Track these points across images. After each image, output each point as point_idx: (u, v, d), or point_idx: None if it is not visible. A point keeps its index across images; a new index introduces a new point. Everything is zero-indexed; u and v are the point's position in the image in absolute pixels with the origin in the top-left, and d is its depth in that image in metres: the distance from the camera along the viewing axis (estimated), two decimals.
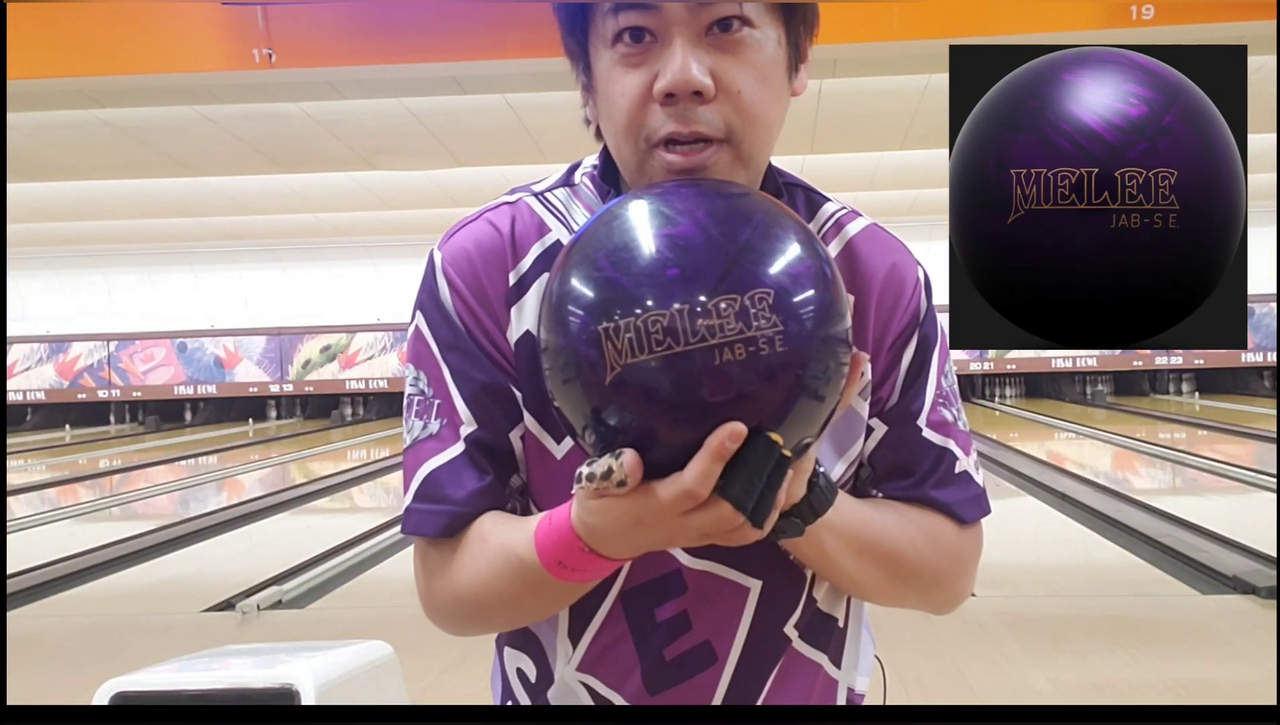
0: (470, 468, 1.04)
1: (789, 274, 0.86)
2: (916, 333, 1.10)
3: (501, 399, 1.03)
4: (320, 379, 18.79)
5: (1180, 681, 3.99)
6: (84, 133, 8.61)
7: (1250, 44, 4.55)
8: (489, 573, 1.01)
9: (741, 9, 0.94)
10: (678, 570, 1.06)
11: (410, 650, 2.16)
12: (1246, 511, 7.74)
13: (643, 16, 0.93)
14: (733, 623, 1.08)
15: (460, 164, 10.59)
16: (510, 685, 1.17)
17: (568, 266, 0.88)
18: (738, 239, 0.86)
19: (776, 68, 1.00)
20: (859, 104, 8.44)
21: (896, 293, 1.10)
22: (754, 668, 1.09)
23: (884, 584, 1.09)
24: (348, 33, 6.16)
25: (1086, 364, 18.08)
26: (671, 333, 0.82)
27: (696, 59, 0.94)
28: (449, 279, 1.05)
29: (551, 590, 0.98)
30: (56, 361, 18.96)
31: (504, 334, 1.04)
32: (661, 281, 0.83)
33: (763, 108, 0.99)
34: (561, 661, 1.11)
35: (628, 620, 1.07)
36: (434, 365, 1.05)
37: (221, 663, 1.84)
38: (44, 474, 12.90)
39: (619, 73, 0.97)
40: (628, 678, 1.09)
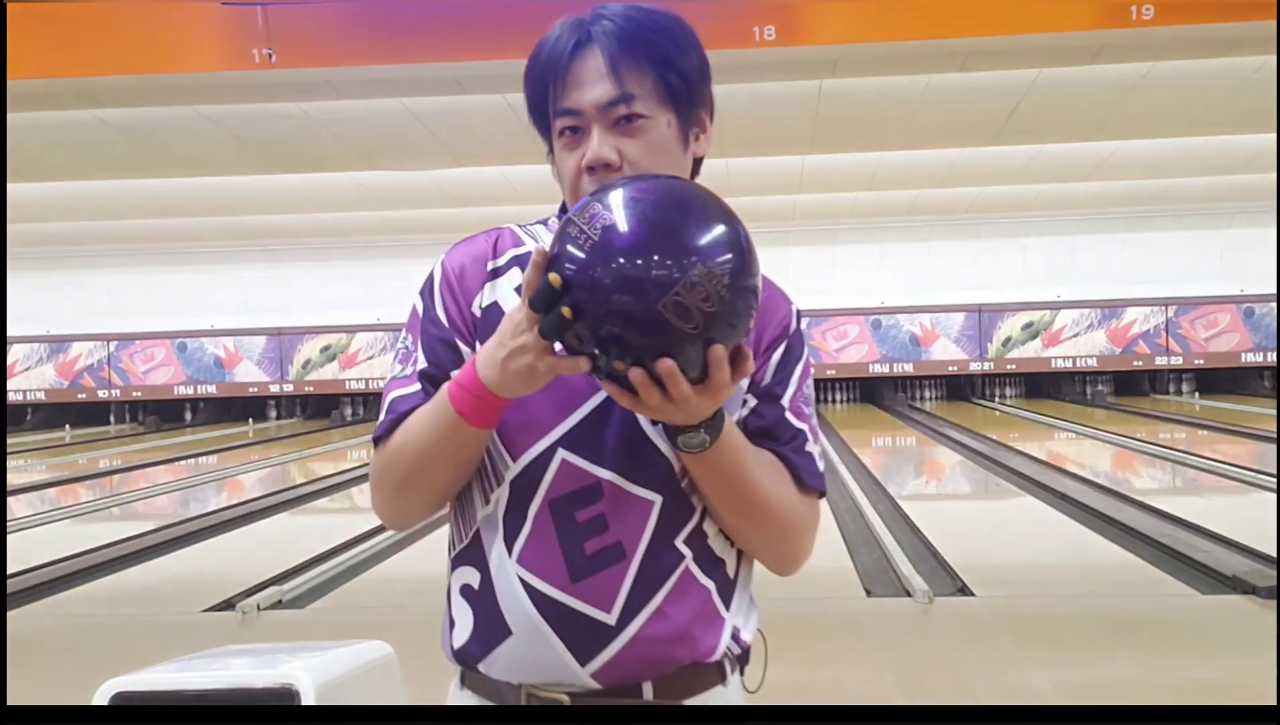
0: (418, 394, 1.40)
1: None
2: (785, 341, 1.45)
3: (449, 347, 1.41)
4: (320, 379, 18.79)
5: (1180, 681, 3.99)
6: (84, 133, 8.60)
7: (1250, 44, 4.59)
8: (415, 426, 1.36)
9: (632, 107, 1.34)
10: (597, 483, 1.36)
11: (410, 650, 2.16)
12: (1246, 511, 7.74)
13: (573, 119, 1.37)
14: (639, 528, 1.36)
15: (460, 164, 10.59)
16: (452, 609, 1.44)
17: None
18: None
19: (668, 143, 1.37)
20: (859, 104, 8.43)
21: (772, 313, 1.44)
22: (653, 571, 1.36)
23: (746, 511, 1.37)
24: (348, 33, 6.16)
25: (1086, 364, 18.08)
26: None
27: (606, 143, 1.35)
28: (443, 272, 1.45)
29: (452, 428, 1.31)
30: (56, 361, 18.96)
31: (470, 308, 1.42)
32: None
33: (656, 169, 1.34)
34: (499, 560, 1.38)
35: (554, 522, 1.36)
36: (415, 329, 1.45)
37: (221, 663, 1.84)
38: (44, 474, 12.90)
39: (564, 154, 1.39)
40: (554, 568, 1.36)
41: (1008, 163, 12.39)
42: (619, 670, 1.36)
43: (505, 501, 1.38)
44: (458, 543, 1.44)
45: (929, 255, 18.04)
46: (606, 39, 1.35)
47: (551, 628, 1.35)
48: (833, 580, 5.80)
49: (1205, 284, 17.66)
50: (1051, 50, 6.55)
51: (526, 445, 1.37)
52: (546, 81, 1.38)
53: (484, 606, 1.39)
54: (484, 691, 1.42)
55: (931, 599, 5.09)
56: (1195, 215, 17.07)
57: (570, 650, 1.35)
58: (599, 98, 1.34)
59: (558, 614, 1.35)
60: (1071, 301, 17.96)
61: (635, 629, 1.35)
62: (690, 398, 1.20)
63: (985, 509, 8.90)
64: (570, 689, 1.36)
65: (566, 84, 1.36)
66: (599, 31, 1.35)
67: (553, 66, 1.37)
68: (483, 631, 1.39)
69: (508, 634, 1.37)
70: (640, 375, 1.18)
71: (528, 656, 1.37)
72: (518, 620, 1.37)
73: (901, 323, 18.06)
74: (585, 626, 1.35)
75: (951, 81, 7.79)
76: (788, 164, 12.15)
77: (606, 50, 1.34)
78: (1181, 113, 9.10)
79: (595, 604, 1.35)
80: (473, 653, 1.41)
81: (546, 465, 1.36)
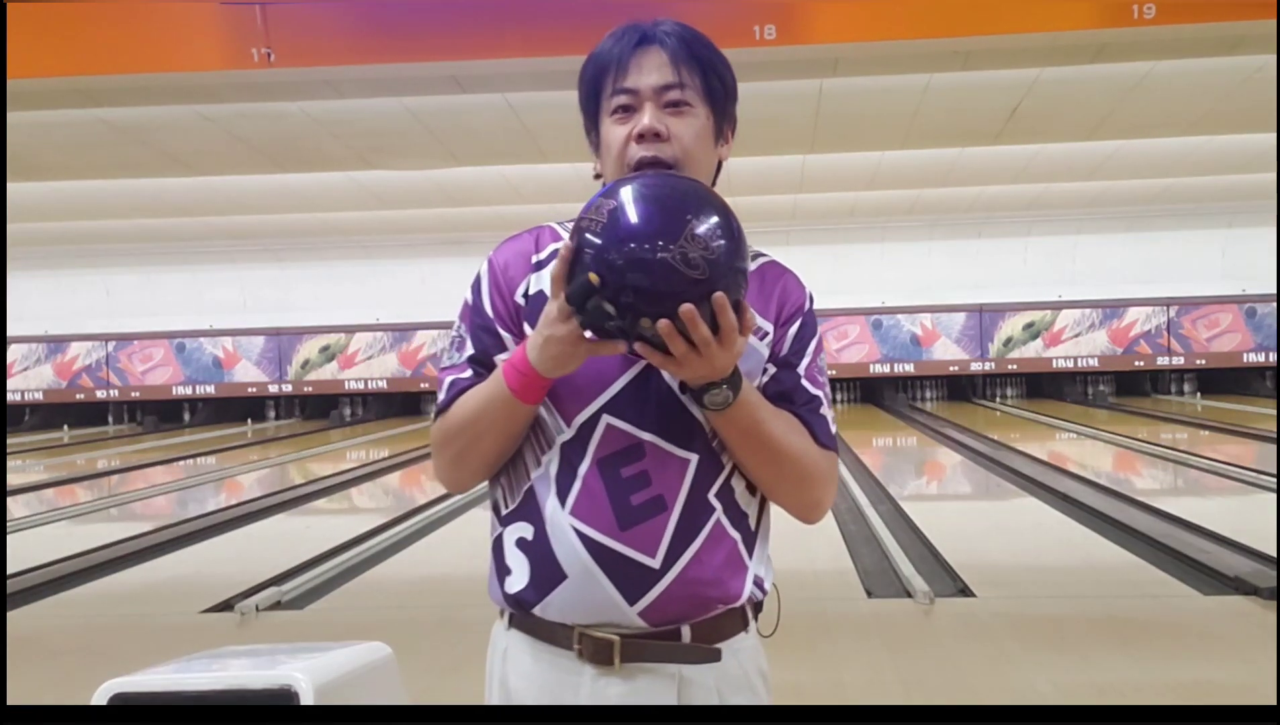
0: (470, 378, 1.60)
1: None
2: (801, 317, 1.64)
3: (493, 335, 1.61)
4: (319, 379, 18.79)
5: (1181, 682, 3.99)
6: (83, 132, 8.59)
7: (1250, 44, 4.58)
8: (470, 404, 1.56)
9: (683, 95, 1.58)
10: (639, 443, 1.54)
11: (409, 651, 2.16)
12: (1248, 512, 7.73)
13: (629, 98, 1.58)
14: (678, 483, 1.54)
15: (460, 163, 10.58)
16: (506, 559, 1.59)
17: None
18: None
19: (705, 132, 1.60)
20: (859, 104, 8.43)
21: (789, 292, 1.65)
22: (690, 521, 1.55)
23: (771, 462, 1.56)
24: (347, 32, 6.15)
25: (1088, 364, 18.08)
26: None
27: (656, 118, 1.57)
28: (489, 268, 1.65)
29: (505, 404, 1.51)
30: (55, 362, 18.96)
31: (514, 298, 1.61)
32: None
33: (696, 150, 1.58)
34: (553, 514, 1.55)
35: (602, 477, 1.53)
36: (465, 319, 1.64)
37: (220, 663, 1.84)
38: (42, 474, 12.90)
39: (615, 127, 1.60)
40: (605, 518, 1.53)
41: (1009, 162, 12.39)
42: (663, 610, 1.53)
43: (557, 462, 1.55)
44: (507, 503, 1.60)
45: (930, 255, 18.03)
46: (668, 39, 1.59)
47: (603, 571, 1.52)
48: (833, 581, 5.80)
49: (1207, 284, 17.66)
50: (1052, 50, 6.54)
51: (576, 412, 1.55)
52: (607, 68, 1.59)
53: (539, 555, 1.55)
54: (536, 633, 1.57)
55: (932, 600, 5.08)
56: (1197, 215, 17.07)
57: (620, 591, 1.52)
58: (657, 81, 1.57)
59: (608, 558, 1.52)
60: (1073, 301, 17.96)
61: (677, 572, 1.53)
62: (710, 342, 1.37)
63: (986, 509, 8.89)
64: (620, 629, 1.53)
65: (628, 69, 1.58)
66: (661, 34, 1.59)
67: (617, 55, 1.59)
68: (539, 577, 1.55)
69: (563, 578, 1.53)
70: (667, 326, 1.35)
71: (581, 598, 1.53)
72: (572, 565, 1.53)
73: (902, 323, 18.06)
74: (633, 569, 1.52)
75: (952, 81, 7.78)
76: (788, 164, 12.14)
77: (668, 48, 1.58)
78: (1183, 112, 9.09)
79: (641, 549, 1.52)
80: (528, 597, 1.56)
81: (594, 429, 1.54)
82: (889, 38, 6.11)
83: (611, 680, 1.53)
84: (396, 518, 7.99)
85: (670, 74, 1.57)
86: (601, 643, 1.53)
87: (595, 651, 1.53)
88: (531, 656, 1.58)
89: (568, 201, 14.03)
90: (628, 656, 1.53)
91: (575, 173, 11.98)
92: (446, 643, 4.59)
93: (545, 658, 1.56)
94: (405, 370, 18.66)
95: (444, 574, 6.56)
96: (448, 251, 17.92)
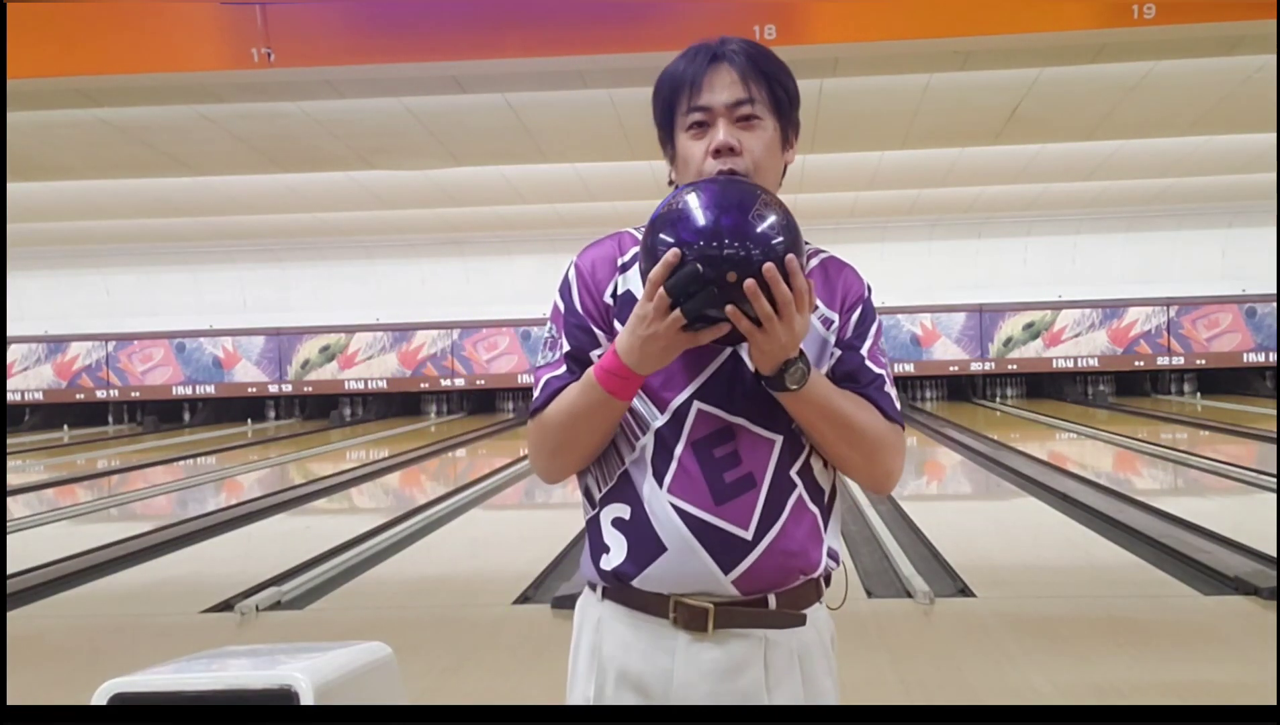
0: (565, 374, 1.71)
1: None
2: (861, 305, 1.78)
3: (587, 333, 1.73)
4: (319, 379, 18.78)
5: (1181, 682, 3.99)
6: (83, 132, 8.59)
7: (1250, 44, 4.58)
8: (567, 403, 1.68)
9: (753, 110, 1.70)
10: (729, 426, 1.67)
11: (410, 651, 2.16)
12: (1248, 512, 7.73)
13: (703, 115, 1.71)
14: (765, 461, 1.68)
15: (460, 163, 10.58)
16: (604, 537, 1.71)
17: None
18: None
19: (774, 141, 1.74)
20: (859, 104, 8.43)
21: (850, 284, 1.80)
22: (777, 496, 1.68)
23: (845, 438, 1.69)
24: (347, 32, 6.15)
25: (1088, 364, 18.08)
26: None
27: (730, 133, 1.70)
28: (577, 272, 1.76)
29: (601, 404, 1.63)
30: (55, 361, 18.95)
31: (603, 298, 1.74)
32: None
33: (766, 160, 1.72)
34: (651, 493, 1.68)
35: (696, 458, 1.67)
36: (557, 320, 1.76)
37: (220, 663, 1.84)
38: (42, 474, 12.90)
39: (691, 143, 1.72)
40: (701, 495, 1.66)
41: (1009, 162, 12.38)
42: (754, 579, 1.67)
43: (652, 447, 1.68)
44: (601, 486, 1.73)
45: (930, 255, 18.03)
46: (736, 57, 1.72)
47: (700, 543, 1.65)
48: (836, 586, 5.79)
49: (1207, 284, 17.65)
50: (1052, 50, 6.54)
51: (670, 399, 1.68)
52: (682, 87, 1.72)
53: (639, 531, 1.68)
54: (631, 603, 1.70)
55: (932, 600, 5.08)
56: (1197, 215, 17.06)
57: (716, 562, 1.65)
58: (728, 99, 1.70)
59: (705, 531, 1.65)
60: (1073, 301, 17.96)
61: (767, 543, 1.67)
62: (789, 301, 1.53)
63: (986, 509, 8.89)
64: (714, 597, 1.66)
65: (701, 88, 1.71)
66: (729, 52, 1.72)
67: (690, 75, 1.72)
68: (638, 552, 1.67)
69: (662, 551, 1.66)
70: (752, 285, 1.50)
71: (679, 569, 1.66)
72: (672, 539, 1.66)
73: (902, 323, 18.06)
74: (728, 541, 1.66)
75: (952, 81, 7.78)
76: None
77: (736, 65, 1.71)
78: (1183, 112, 9.09)
79: (735, 522, 1.66)
80: (628, 571, 1.68)
81: (687, 413, 1.67)
82: (889, 38, 6.11)
83: (705, 645, 1.66)
84: (396, 518, 7.98)
85: (740, 90, 1.70)
86: (696, 610, 1.66)
87: (690, 619, 1.66)
88: (627, 625, 1.70)
89: (568, 202, 14.08)
90: (721, 622, 1.66)
91: (575, 173, 11.98)
92: (446, 643, 4.59)
93: (641, 626, 1.69)
94: (405, 370, 18.66)
95: (444, 574, 6.56)
96: (448, 251, 17.94)
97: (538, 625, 4.92)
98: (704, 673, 1.66)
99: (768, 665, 1.68)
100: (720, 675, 1.66)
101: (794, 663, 1.70)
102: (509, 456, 12.01)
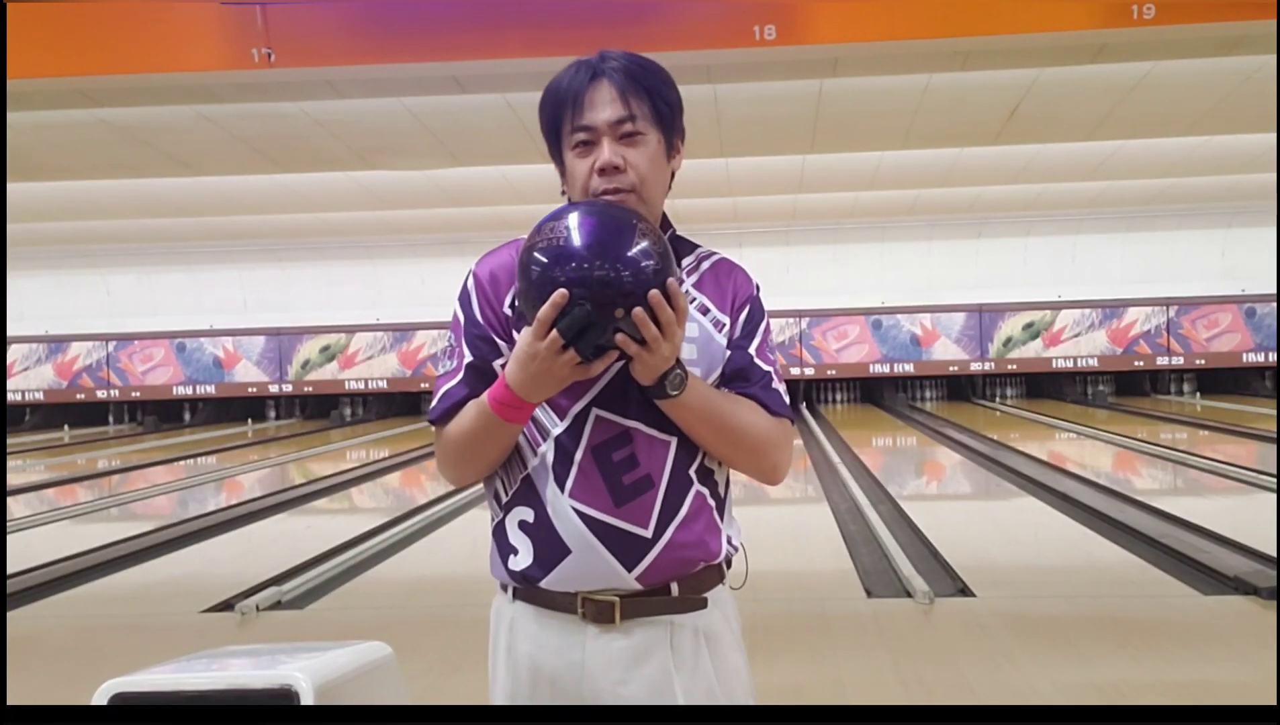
0: (463, 385, 1.77)
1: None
2: (750, 304, 1.83)
3: (488, 343, 1.77)
4: (319, 379, 18.78)
5: (1181, 682, 3.99)
6: (83, 132, 8.59)
7: (1250, 44, 4.58)
8: (465, 424, 1.74)
9: (635, 126, 1.73)
10: (626, 430, 1.73)
11: (410, 651, 2.16)
12: (1248, 512, 7.74)
13: (587, 134, 1.74)
14: (662, 463, 1.74)
15: (460, 164, 10.58)
16: (510, 540, 1.77)
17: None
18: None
19: (658, 154, 1.77)
20: (859, 104, 8.42)
21: (739, 284, 1.84)
22: (674, 496, 1.75)
23: (726, 438, 1.75)
24: (347, 32, 6.15)
25: (1087, 364, 18.08)
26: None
27: (613, 151, 1.73)
28: (475, 282, 1.80)
29: (496, 427, 1.69)
30: (55, 362, 18.96)
31: (502, 308, 1.77)
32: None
33: (650, 174, 1.76)
34: (553, 498, 1.73)
35: (596, 462, 1.72)
36: (457, 331, 1.80)
37: (220, 663, 1.84)
38: (43, 474, 12.90)
39: (577, 161, 1.75)
40: (601, 498, 1.72)
41: (1008, 162, 12.38)
42: (656, 573, 1.73)
43: (553, 453, 1.73)
44: (506, 491, 1.79)
45: (930, 255, 18.03)
46: (614, 74, 1.74)
47: (603, 544, 1.71)
48: (833, 581, 5.80)
49: (1206, 284, 17.65)
50: (1052, 50, 6.54)
51: (569, 407, 1.73)
52: (563, 106, 1.75)
53: (542, 534, 1.74)
54: (540, 602, 1.75)
55: (932, 599, 5.08)
56: (1196, 215, 17.06)
57: (618, 560, 1.72)
58: (610, 116, 1.72)
59: (607, 532, 1.71)
60: (1072, 301, 17.96)
61: (666, 539, 1.73)
62: (672, 321, 1.59)
63: (986, 509, 8.89)
64: (618, 591, 1.72)
65: (583, 106, 1.74)
66: (608, 69, 1.74)
67: (571, 94, 1.75)
68: (543, 555, 1.73)
69: (567, 553, 1.72)
70: (641, 314, 1.56)
71: (584, 569, 1.72)
72: (575, 541, 1.72)
73: (902, 323, 18.05)
74: (628, 540, 1.72)
75: (952, 81, 7.78)
76: (788, 164, 12.14)
77: (615, 82, 1.73)
78: (1183, 112, 9.09)
79: (635, 522, 1.72)
80: (534, 573, 1.74)
81: (585, 420, 1.72)
82: (889, 38, 6.10)
83: (613, 635, 1.72)
84: (396, 518, 7.99)
85: (621, 108, 1.73)
86: (604, 604, 1.72)
87: (598, 613, 1.72)
88: (537, 623, 1.75)
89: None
90: (627, 614, 1.72)
91: None
92: (446, 643, 4.59)
93: (550, 623, 1.74)
94: (405, 370, 18.66)
95: (444, 574, 6.56)
96: (448, 251, 17.92)
97: None
98: (613, 661, 1.72)
99: (674, 648, 1.74)
100: (628, 663, 1.72)
101: (700, 643, 1.75)
102: None
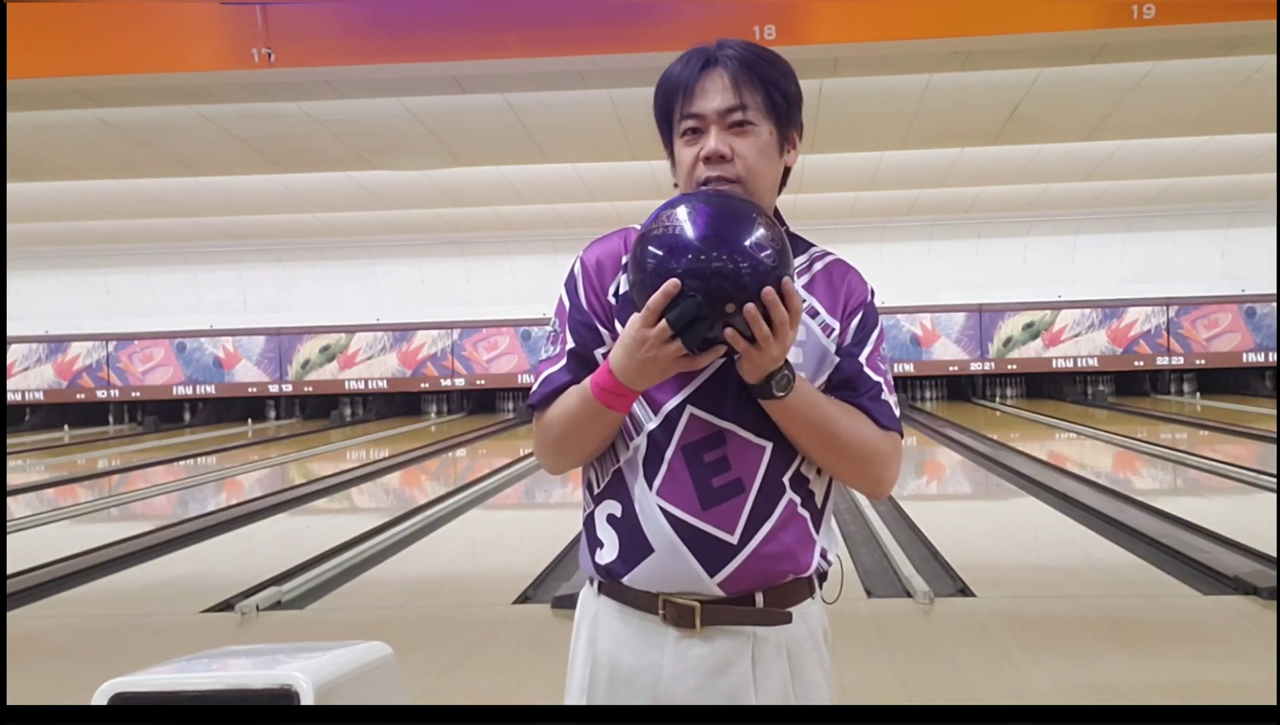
0: (565, 371, 1.73)
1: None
2: (863, 310, 1.78)
3: (592, 330, 1.74)
4: (319, 379, 18.78)
5: (1181, 682, 3.99)
6: (83, 132, 8.60)
7: (1250, 44, 4.59)
8: (566, 410, 1.70)
9: (745, 115, 1.70)
10: (719, 432, 1.68)
11: (410, 651, 2.16)
12: (1248, 512, 7.74)
13: (696, 121, 1.71)
14: (754, 468, 1.69)
15: (460, 164, 10.58)
16: (597, 533, 1.75)
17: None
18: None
19: (768, 146, 1.73)
20: (859, 104, 8.43)
21: (852, 289, 1.79)
22: (765, 502, 1.70)
23: (830, 446, 1.70)
24: (347, 32, 6.15)
25: (1087, 364, 18.08)
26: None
27: (721, 140, 1.70)
28: (583, 268, 1.77)
29: (597, 414, 1.65)
30: (55, 362, 18.95)
31: (607, 296, 1.74)
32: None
33: (759, 165, 1.72)
34: (641, 494, 1.70)
35: (686, 462, 1.68)
36: (561, 316, 1.77)
37: (221, 663, 1.84)
38: (43, 474, 12.90)
39: (685, 149, 1.73)
40: (688, 499, 1.68)
41: (1008, 162, 12.38)
42: (739, 581, 1.68)
43: (644, 448, 1.70)
44: (598, 483, 1.76)
45: (929, 255, 18.03)
46: (730, 62, 1.71)
47: (686, 546, 1.67)
48: (833, 581, 5.79)
49: (1206, 284, 17.65)
50: (1052, 50, 6.54)
51: (663, 403, 1.69)
52: (676, 92, 1.73)
53: (628, 531, 1.71)
54: (624, 599, 1.72)
55: (932, 599, 5.08)
56: (1196, 215, 17.06)
57: (701, 564, 1.67)
58: (720, 105, 1.69)
59: (691, 535, 1.67)
60: (1072, 301, 17.96)
61: (752, 547, 1.68)
62: (785, 321, 1.54)
63: (986, 509, 8.89)
64: (700, 596, 1.68)
65: (693, 94, 1.71)
66: (724, 57, 1.71)
67: (683, 81, 1.72)
68: (627, 551, 1.70)
69: (650, 552, 1.69)
70: (752, 309, 1.52)
71: (666, 570, 1.68)
72: (659, 540, 1.68)
73: (902, 323, 18.05)
74: (713, 545, 1.68)
75: (951, 81, 7.78)
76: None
77: (729, 70, 1.70)
78: (1182, 113, 9.09)
79: (721, 527, 1.68)
80: (617, 569, 1.71)
81: (679, 418, 1.69)
82: (889, 38, 6.11)
83: (694, 641, 1.69)
84: (396, 518, 7.98)
85: (732, 97, 1.69)
86: (684, 608, 1.69)
87: (678, 616, 1.68)
88: (620, 620, 1.73)
89: (568, 202, 14.07)
90: (707, 620, 1.68)
91: (575, 173, 11.98)
92: (446, 643, 4.59)
93: (633, 621, 1.72)
94: (405, 370, 18.66)
95: (444, 574, 6.56)
96: (448, 251, 17.94)
97: (538, 625, 4.92)
98: (692, 668, 1.68)
99: (755, 660, 1.69)
100: (708, 671, 1.68)
101: (782, 657, 1.71)
102: (509, 456, 12.01)
